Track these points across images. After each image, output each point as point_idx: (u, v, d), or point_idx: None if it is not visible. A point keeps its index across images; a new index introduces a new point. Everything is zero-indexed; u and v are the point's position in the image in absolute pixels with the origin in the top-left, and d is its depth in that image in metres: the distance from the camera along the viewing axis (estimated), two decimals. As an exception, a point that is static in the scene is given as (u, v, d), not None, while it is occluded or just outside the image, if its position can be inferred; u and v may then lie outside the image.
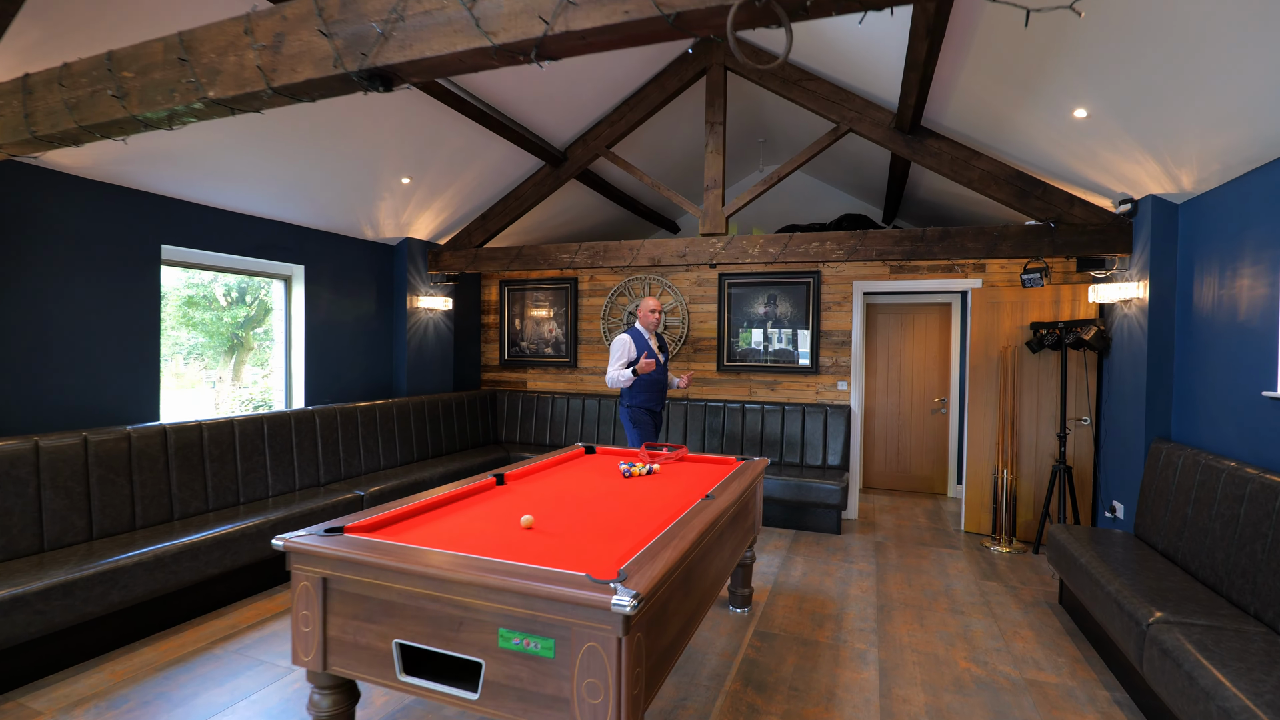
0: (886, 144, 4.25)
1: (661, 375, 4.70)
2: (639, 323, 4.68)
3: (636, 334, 4.64)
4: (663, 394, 4.74)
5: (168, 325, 4.51)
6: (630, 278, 6.10)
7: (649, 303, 4.66)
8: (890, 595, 3.80)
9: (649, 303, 4.66)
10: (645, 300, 4.68)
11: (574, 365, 6.34)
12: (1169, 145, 3.08)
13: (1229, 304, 3.10)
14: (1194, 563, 2.98)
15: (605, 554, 1.96)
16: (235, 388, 5.14)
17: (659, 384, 4.69)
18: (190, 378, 4.97)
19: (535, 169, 5.20)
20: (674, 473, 3.30)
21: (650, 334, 4.67)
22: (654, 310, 4.67)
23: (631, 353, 4.58)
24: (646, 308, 4.66)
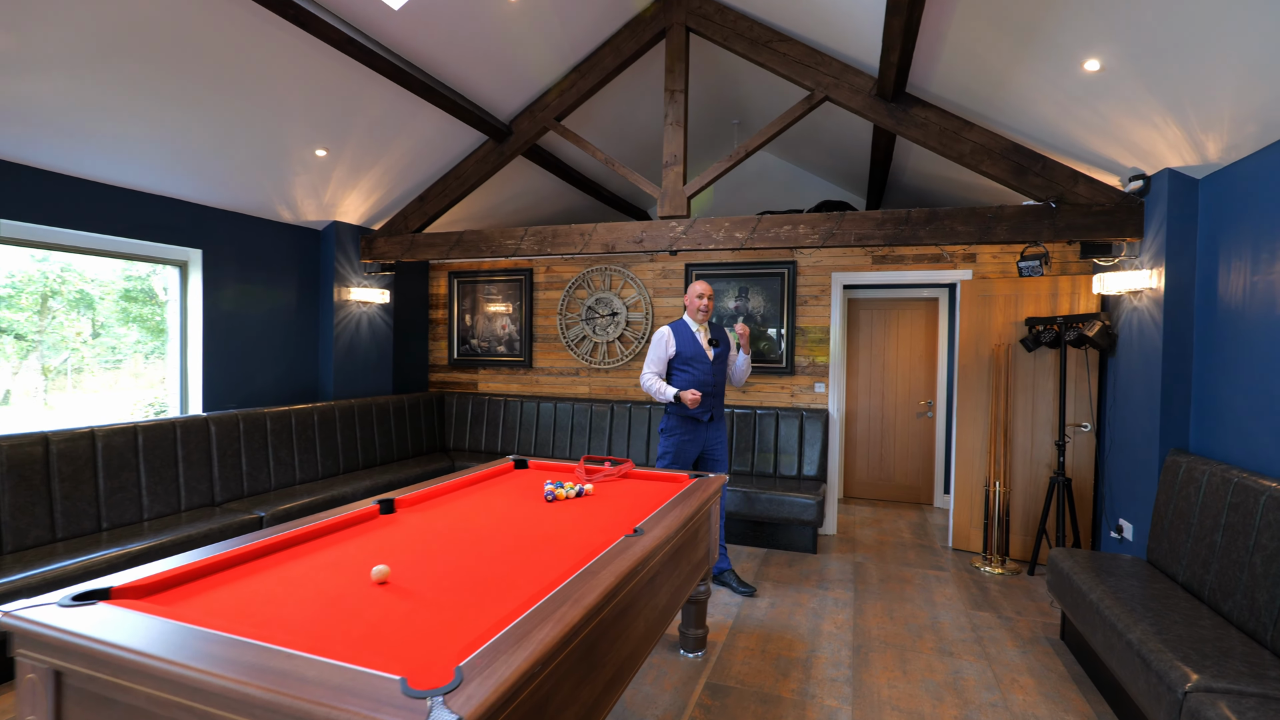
0: (867, 114, 3.74)
1: (708, 374, 3.70)
2: (686, 313, 3.81)
3: (680, 327, 3.75)
4: (712, 399, 3.72)
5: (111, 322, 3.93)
6: (590, 269, 5.55)
7: (697, 287, 3.74)
8: (869, 631, 3.29)
9: (697, 287, 3.74)
10: (694, 284, 3.77)
11: (529, 365, 5.79)
12: (1196, 102, 2.58)
13: (1267, 293, 2.61)
14: (1226, 602, 2.48)
15: (460, 632, 1.41)
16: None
17: (704, 384, 3.68)
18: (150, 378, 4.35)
19: (477, 144, 4.64)
20: (609, 495, 2.77)
21: (701, 326, 3.76)
22: (702, 295, 3.72)
23: (669, 349, 3.69)
24: (694, 293, 3.73)
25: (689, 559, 2.55)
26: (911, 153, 4.65)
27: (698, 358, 3.70)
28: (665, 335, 3.73)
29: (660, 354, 3.73)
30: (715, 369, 3.74)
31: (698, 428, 3.74)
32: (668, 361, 3.74)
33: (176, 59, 3.00)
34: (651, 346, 3.77)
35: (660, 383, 3.70)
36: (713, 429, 3.78)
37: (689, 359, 3.70)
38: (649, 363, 3.75)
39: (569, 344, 5.61)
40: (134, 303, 4.21)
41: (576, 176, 5.63)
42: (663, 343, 3.73)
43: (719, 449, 3.80)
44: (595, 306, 5.53)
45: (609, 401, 5.41)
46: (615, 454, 5.31)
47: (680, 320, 3.82)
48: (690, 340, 3.72)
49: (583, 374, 5.63)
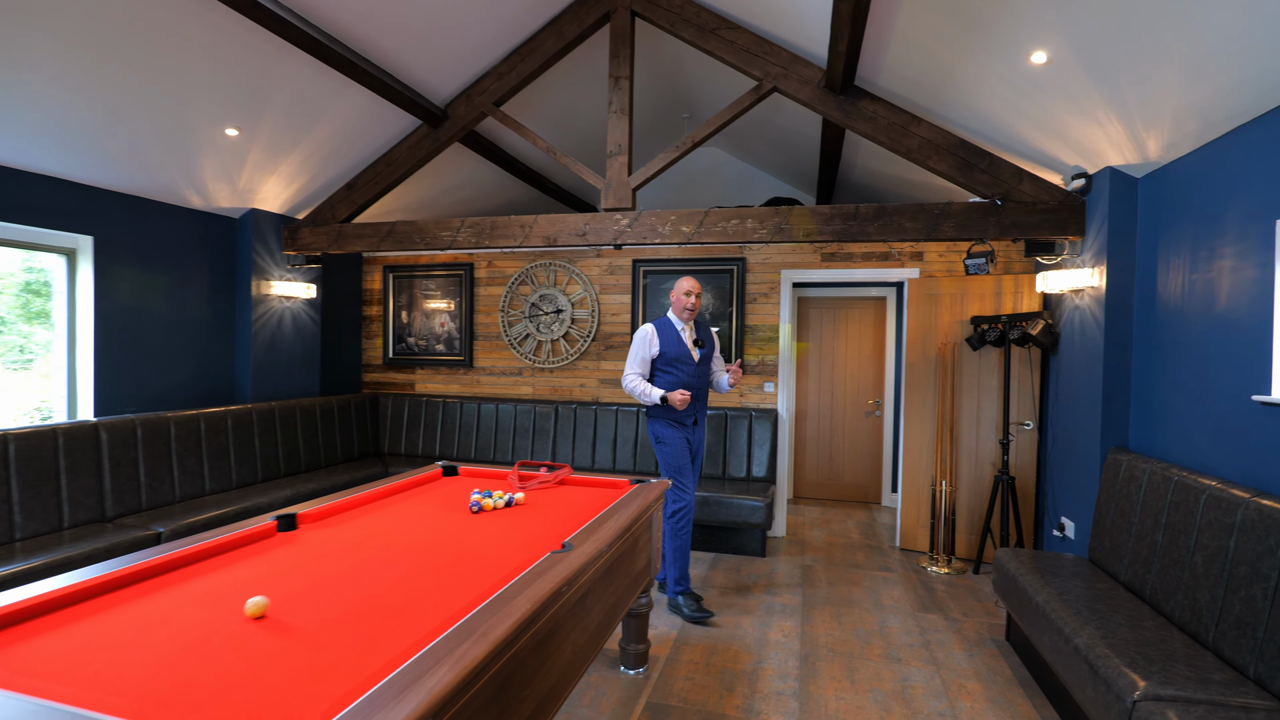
0: (816, 106, 3.64)
1: (693, 376, 3.45)
2: (671, 309, 3.54)
3: (664, 324, 3.48)
4: (698, 402, 3.50)
5: (13, 318, 3.47)
6: (533, 264, 5.32)
7: (684, 283, 3.46)
8: (817, 639, 3.18)
9: (684, 283, 3.46)
10: (680, 281, 3.48)
11: (469, 364, 5.51)
12: (1141, 96, 2.55)
13: (1205, 291, 2.61)
14: (1168, 603, 2.46)
15: (340, 679, 1.20)
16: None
17: (688, 387, 3.42)
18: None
19: (409, 129, 4.35)
20: (542, 504, 2.57)
21: (686, 325, 3.51)
22: (689, 292, 3.45)
23: (652, 348, 3.42)
24: (680, 290, 3.47)
25: (627, 572, 2.38)
26: (860, 149, 4.59)
27: (683, 359, 3.42)
28: (648, 334, 3.44)
29: (643, 353, 3.43)
30: (700, 371, 3.49)
31: (687, 430, 3.48)
32: (651, 362, 3.45)
33: (60, 22, 2.65)
34: (633, 345, 3.48)
35: (644, 384, 3.40)
36: (698, 433, 3.55)
37: (673, 360, 3.42)
38: (631, 362, 3.46)
39: (512, 342, 5.37)
40: (39, 296, 3.77)
41: (521, 168, 5.40)
42: (645, 341, 3.43)
43: (700, 455, 3.60)
44: (539, 303, 5.31)
45: (553, 402, 5.20)
46: (561, 458, 5.10)
47: (664, 318, 3.54)
48: (675, 340, 3.44)
49: (526, 374, 5.40)
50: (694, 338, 3.50)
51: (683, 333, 3.48)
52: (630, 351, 3.48)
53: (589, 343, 5.22)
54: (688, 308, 3.45)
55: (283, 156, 4.10)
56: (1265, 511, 2.07)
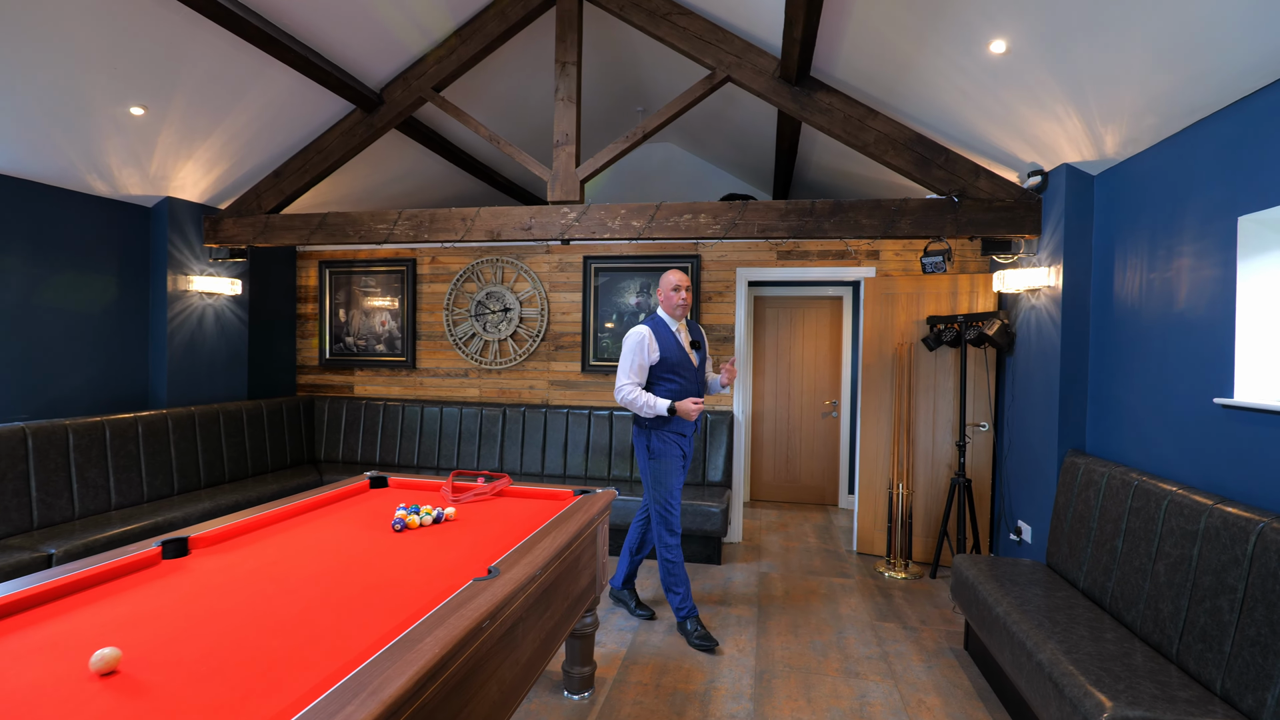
0: (770, 97, 3.50)
1: (694, 383, 3.14)
2: (661, 307, 3.19)
3: (657, 324, 3.11)
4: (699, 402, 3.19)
5: None
6: (480, 260, 5.06)
7: (671, 277, 3.11)
8: (773, 653, 3.03)
9: (671, 277, 3.11)
10: (666, 275, 3.13)
11: (412, 365, 5.21)
12: (1100, 89, 2.48)
13: (1163, 290, 2.55)
14: (1130, 612, 2.39)
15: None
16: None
17: (685, 393, 3.09)
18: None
19: (342, 113, 4.06)
20: (476, 519, 2.34)
21: (679, 324, 3.16)
22: (678, 288, 3.09)
23: (649, 354, 3.03)
24: (668, 285, 3.10)
25: (567, 593, 2.18)
26: (816, 145, 4.49)
27: (684, 364, 3.05)
28: (643, 337, 3.03)
29: (640, 360, 3.02)
30: (698, 374, 3.16)
31: (685, 442, 3.17)
32: (649, 369, 3.06)
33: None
34: (627, 352, 3.04)
35: (646, 395, 2.99)
36: (692, 440, 3.27)
37: (675, 366, 3.03)
38: (626, 372, 3.03)
39: (457, 342, 5.10)
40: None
41: (467, 160, 5.13)
42: (642, 346, 3.02)
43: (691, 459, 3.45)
44: (486, 301, 5.05)
45: (501, 405, 4.95)
46: (509, 463, 4.86)
47: (656, 318, 3.15)
48: (673, 344, 3.06)
49: (472, 375, 5.13)
50: (690, 339, 3.17)
51: (678, 334, 3.11)
52: (622, 360, 3.06)
53: (538, 343, 4.99)
54: (679, 304, 3.08)
55: (199, 140, 3.76)
56: (1230, 519, 2.00)
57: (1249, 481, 2.11)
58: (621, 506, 4.20)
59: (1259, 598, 1.84)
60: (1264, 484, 2.06)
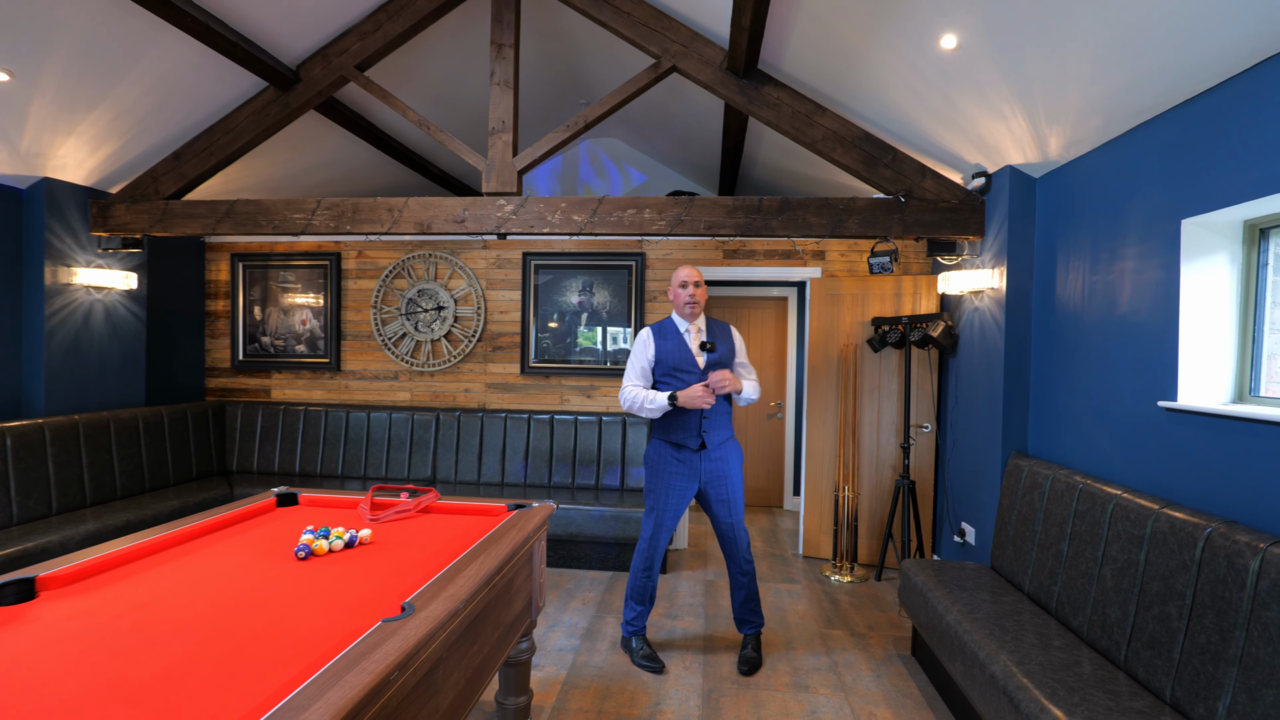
0: (718, 89, 3.37)
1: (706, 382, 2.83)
2: (674, 308, 2.96)
3: (663, 326, 2.92)
4: (705, 419, 2.83)
5: None
6: (411, 255, 4.74)
7: (679, 273, 2.88)
8: (720, 670, 2.90)
9: (679, 273, 2.88)
10: (678, 270, 2.89)
11: (336, 367, 4.84)
12: (1047, 88, 2.45)
13: (1106, 294, 2.55)
14: (1076, 617, 2.37)
15: None
16: None
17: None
18: None
19: (253, 91, 3.69)
20: (396, 540, 2.10)
21: (692, 324, 2.90)
22: (685, 284, 2.85)
23: (648, 353, 2.87)
24: (675, 281, 2.89)
25: (499, 621, 1.96)
26: (763, 143, 4.41)
27: (684, 367, 2.82)
28: (644, 338, 2.90)
29: (640, 361, 2.88)
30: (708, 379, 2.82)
31: (689, 457, 2.86)
32: (651, 371, 2.88)
33: None
34: (631, 353, 2.95)
35: (644, 393, 2.79)
36: (709, 460, 2.85)
37: (672, 368, 2.83)
38: (628, 374, 2.90)
39: (386, 343, 4.76)
40: None
41: (398, 148, 4.82)
42: (642, 347, 2.89)
43: (725, 488, 2.87)
44: (418, 299, 4.74)
45: (434, 409, 4.65)
46: (442, 471, 4.57)
47: (667, 319, 2.96)
48: (675, 345, 2.85)
49: (403, 378, 4.81)
50: (702, 341, 2.86)
51: (687, 334, 2.88)
52: (629, 361, 2.93)
53: (474, 343, 4.72)
54: (686, 301, 2.84)
55: (82, 113, 3.33)
56: (1177, 525, 1.98)
57: (1193, 485, 2.11)
58: (562, 516, 4.00)
59: (1208, 604, 1.81)
60: (1207, 487, 2.06)
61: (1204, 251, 2.13)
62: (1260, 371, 2.10)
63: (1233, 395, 2.14)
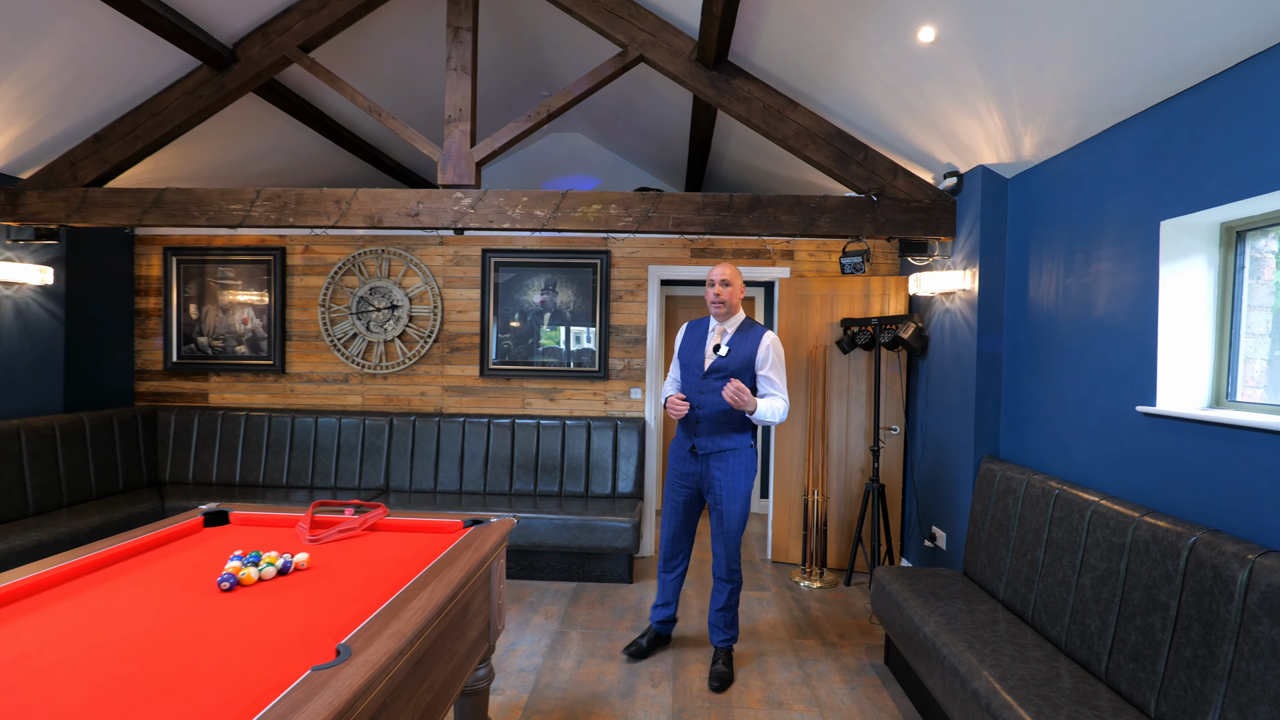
0: (687, 80, 3.24)
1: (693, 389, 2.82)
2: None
3: (697, 323, 2.96)
4: (698, 424, 2.79)
5: None
6: (362, 250, 4.48)
7: (713, 271, 2.82)
8: (691, 687, 2.77)
9: (713, 271, 2.82)
10: (712, 269, 2.84)
11: (281, 370, 4.55)
12: (1025, 86, 2.40)
13: (1081, 296, 2.51)
14: (1054, 627, 2.31)
15: None
16: None
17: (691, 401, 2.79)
18: None
19: (184, 69, 3.40)
20: (336, 565, 1.90)
21: (721, 324, 2.85)
22: (711, 282, 2.80)
23: (677, 348, 2.98)
24: (707, 279, 2.86)
25: (451, 653, 1.79)
26: (731, 139, 4.31)
27: (690, 365, 2.86)
28: (681, 331, 3.01)
29: (674, 359, 3.00)
30: (708, 384, 2.76)
31: (685, 460, 2.86)
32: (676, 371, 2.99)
33: None
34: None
35: (666, 387, 2.99)
36: (706, 465, 2.80)
37: (684, 364, 2.91)
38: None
39: (335, 343, 4.49)
40: None
41: (348, 137, 4.55)
42: (677, 339, 3.00)
43: (718, 496, 2.80)
44: (369, 297, 4.48)
45: (387, 414, 4.41)
46: (396, 479, 4.32)
47: (709, 315, 2.93)
48: (695, 342, 2.88)
49: (354, 380, 4.55)
50: (719, 342, 2.80)
51: (711, 334, 2.86)
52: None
53: (430, 344, 4.48)
54: (711, 300, 2.79)
55: (-17, 88, 3.00)
56: (1160, 533, 1.93)
57: (1173, 492, 2.07)
58: (524, 526, 3.81)
59: (1194, 617, 1.76)
60: (1188, 494, 2.02)
61: (1182, 254, 2.09)
62: (1237, 376, 2.07)
63: (1210, 400, 2.11)
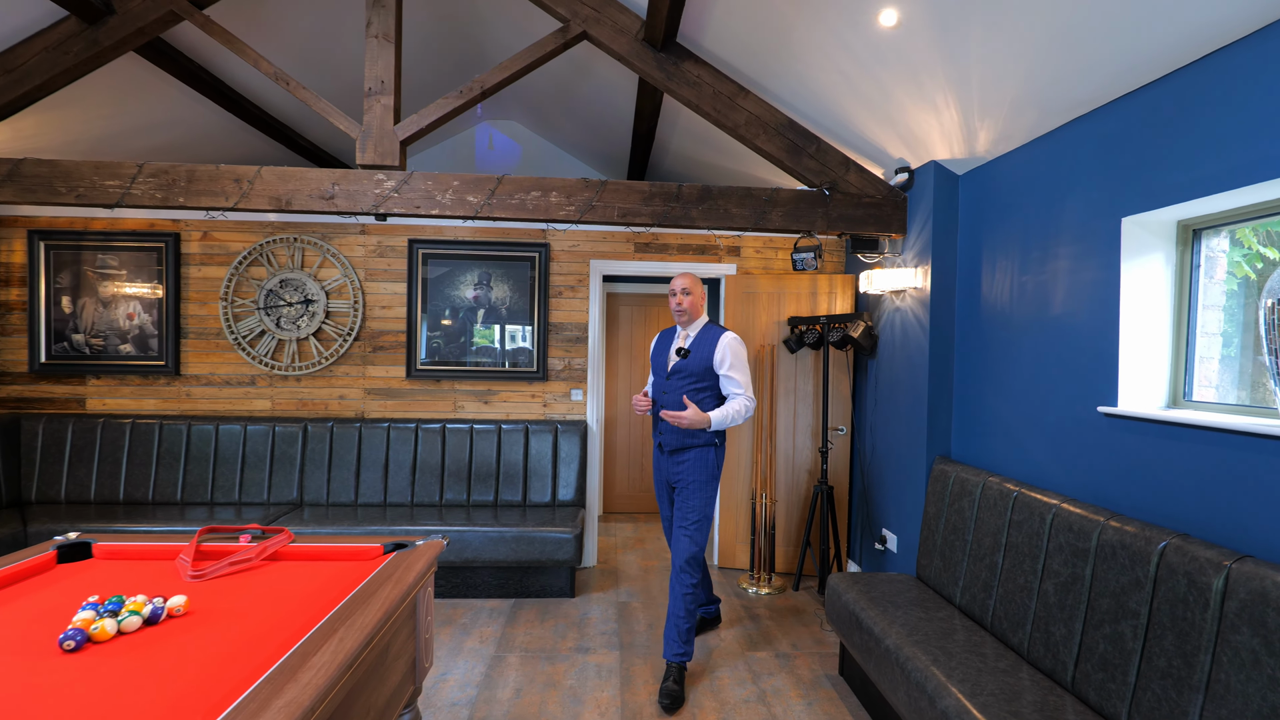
0: (633, 62, 3.04)
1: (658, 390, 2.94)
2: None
3: (669, 331, 3.06)
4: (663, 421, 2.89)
5: None
6: (271, 238, 4.03)
7: (675, 282, 2.91)
8: (641, 711, 2.57)
9: (675, 282, 2.91)
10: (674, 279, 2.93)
11: (175, 371, 4.04)
12: (986, 74, 2.32)
13: (1038, 294, 2.47)
14: (1015, 634, 2.25)
15: None
16: None
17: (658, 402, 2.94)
18: None
19: (48, 20, 2.91)
20: (225, 607, 1.58)
21: (684, 330, 2.94)
22: (673, 291, 2.90)
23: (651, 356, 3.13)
24: (669, 289, 2.95)
25: (368, 705, 1.51)
26: (676, 130, 4.13)
27: (658, 368, 3.01)
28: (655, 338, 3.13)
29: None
30: (671, 384, 2.87)
31: (657, 457, 3.02)
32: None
33: None
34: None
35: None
36: (673, 462, 2.89)
37: (654, 368, 3.04)
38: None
39: (240, 342, 4.03)
40: None
41: (257, 113, 4.07)
42: (652, 347, 3.12)
43: (682, 493, 2.85)
44: (280, 291, 4.04)
45: (301, 420, 3.99)
46: (311, 492, 3.91)
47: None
48: (663, 347, 3.01)
49: (261, 383, 4.09)
50: (683, 346, 2.89)
51: (675, 339, 2.98)
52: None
53: (351, 343, 4.09)
54: (673, 309, 2.92)
55: None
56: (1127, 538, 1.87)
57: (1135, 494, 2.03)
58: (457, 540, 3.51)
59: (1167, 625, 1.70)
60: (1151, 497, 1.97)
61: (1142, 251, 2.05)
62: (1193, 376, 2.05)
63: (1167, 400, 2.08)
